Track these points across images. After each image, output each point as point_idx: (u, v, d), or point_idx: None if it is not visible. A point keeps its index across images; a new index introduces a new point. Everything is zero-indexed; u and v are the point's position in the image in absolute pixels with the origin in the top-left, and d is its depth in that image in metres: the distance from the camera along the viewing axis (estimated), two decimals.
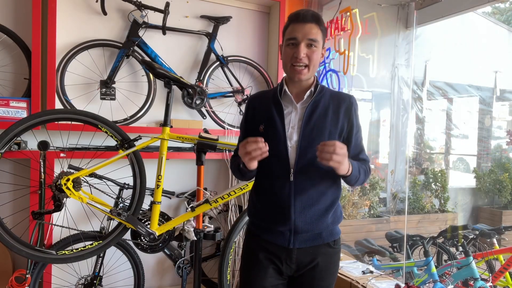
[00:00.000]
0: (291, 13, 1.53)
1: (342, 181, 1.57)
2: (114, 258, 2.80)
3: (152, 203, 2.21)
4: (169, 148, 2.79)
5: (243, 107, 3.15)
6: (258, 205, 1.59)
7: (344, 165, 1.37)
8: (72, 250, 2.13)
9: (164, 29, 2.84)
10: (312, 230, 1.50)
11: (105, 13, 2.76)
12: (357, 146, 1.57)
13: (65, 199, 2.02)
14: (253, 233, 1.63)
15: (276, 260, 1.53)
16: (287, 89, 1.54)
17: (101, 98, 2.75)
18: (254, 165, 1.42)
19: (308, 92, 1.53)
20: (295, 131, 1.50)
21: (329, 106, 1.52)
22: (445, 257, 3.53)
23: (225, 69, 3.11)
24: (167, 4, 2.80)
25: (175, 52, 3.05)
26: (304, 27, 1.46)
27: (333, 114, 1.51)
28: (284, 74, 1.60)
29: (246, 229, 1.69)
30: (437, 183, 5.67)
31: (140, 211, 2.26)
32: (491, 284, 2.85)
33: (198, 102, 2.85)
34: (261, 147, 1.36)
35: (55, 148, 2.49)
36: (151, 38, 2.91)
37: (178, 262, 2.77)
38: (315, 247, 1.52)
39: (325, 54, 1.60)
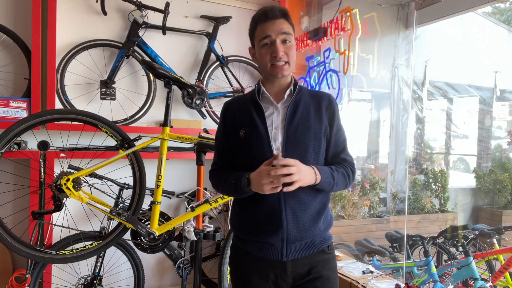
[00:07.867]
0: (256, 13, 1.45)
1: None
2: (114, 258, 2.80)
3: (152, 203, 2.21)
4: (169, 148, 2.79)
5: None
6: (243, 215, 1.49)
7: (303, 178, 1.28)
8: (72, 250, 2.14)
9: (164, 29, 2.84)
10: (305, 237, 1.41)
11: (105, 13, 2.76)
12: (337, 145, 1.49)
13: (65, 199, 2.02)
14: (240, 250, 1.51)
15: (271, 276, 1.43)
16: (265, 90, 1.47)
17: (101, 98, 2.75)
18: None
19: (288, 91, 1.46)
20: (279, 132, 1.42)
21: (310, 105, 1.46)
22: (445, 257, 3.53)
23: (225, 69, 3.11)
24: (167, 4, 2.80)
25: (175, 52, 3.05)
26: (275, 23, 1.39)
27: (316, 112, 1.45)
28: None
29: (231, 245, 1.57)
30: (437, 183, 5.67)
31: (140, 211, 2.26)
32: (491, 284, 2.84)
33: (198, 102, 2.85)
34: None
35: (55, 148, 2.49)
36: (151, 38, 2.91)
37: (178, 262, 2.77)
38: (309, 256, 1.43)
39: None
